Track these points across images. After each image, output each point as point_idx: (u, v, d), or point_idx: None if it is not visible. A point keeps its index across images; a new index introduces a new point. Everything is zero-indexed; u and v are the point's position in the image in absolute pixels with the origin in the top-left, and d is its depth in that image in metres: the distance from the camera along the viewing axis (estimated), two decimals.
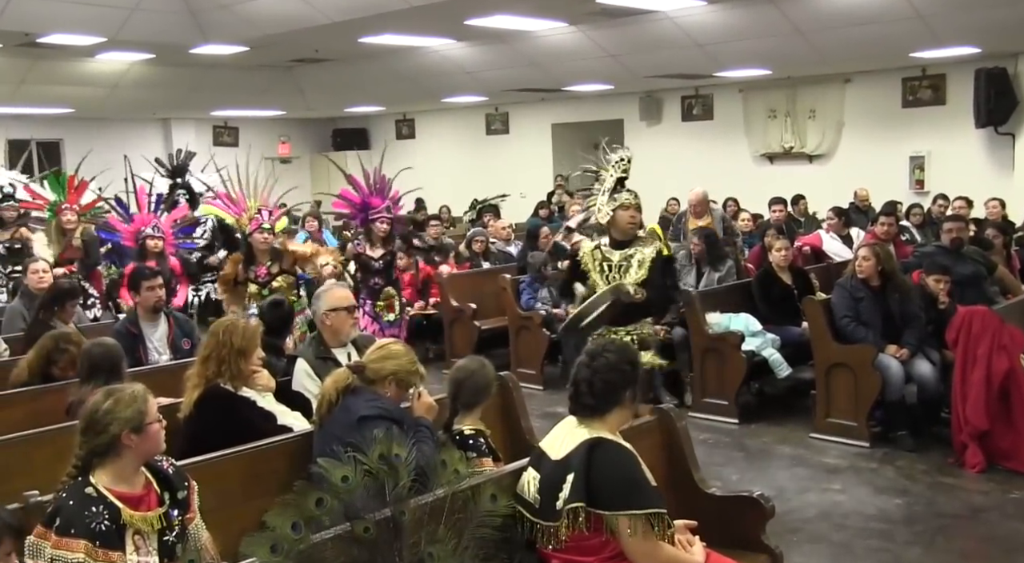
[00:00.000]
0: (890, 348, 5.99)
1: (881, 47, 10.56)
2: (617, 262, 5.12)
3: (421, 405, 3.49)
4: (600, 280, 5.12)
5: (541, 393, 7.66)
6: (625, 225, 5.14)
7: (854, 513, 5.01)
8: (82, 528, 2.54)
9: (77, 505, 2.59)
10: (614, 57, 11.99)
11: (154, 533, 2.68)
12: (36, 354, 4.84)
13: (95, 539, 2.55)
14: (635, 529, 2.80)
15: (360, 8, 9.29)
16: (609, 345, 3.03)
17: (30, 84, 13.14)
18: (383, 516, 2.59)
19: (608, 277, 5.11)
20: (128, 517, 2.63)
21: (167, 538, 2.70)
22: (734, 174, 13.75)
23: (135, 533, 2.64)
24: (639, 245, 5.15)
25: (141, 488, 2.73)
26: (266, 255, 6.56)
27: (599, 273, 5.14)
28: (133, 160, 10.75)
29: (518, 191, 16.32)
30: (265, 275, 6.51)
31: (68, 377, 4.61)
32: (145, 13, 9.91)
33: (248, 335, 3.95)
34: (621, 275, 5.07)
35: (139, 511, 2.66)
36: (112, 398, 2.71)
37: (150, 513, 2.69)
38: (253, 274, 6.50)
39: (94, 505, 2.59)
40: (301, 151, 20.12)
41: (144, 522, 2.66)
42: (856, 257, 6.32)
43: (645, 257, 5.09)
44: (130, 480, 2.71)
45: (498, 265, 9.44)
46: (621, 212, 5.10)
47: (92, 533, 2.55)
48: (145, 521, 2.66)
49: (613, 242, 5.19)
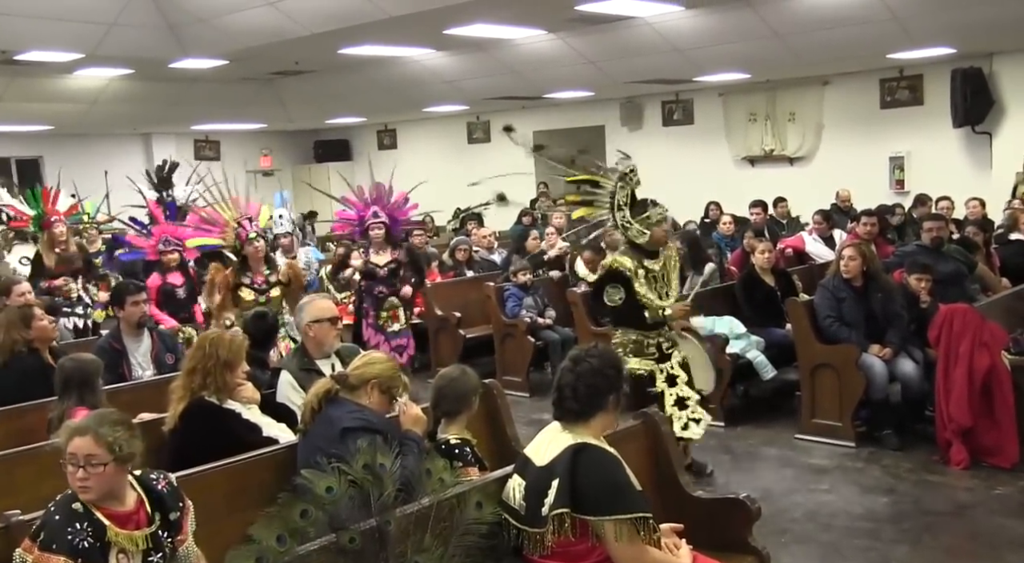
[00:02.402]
0: (873, 347, 6.02)
1: (858, 49, 10.65)
2: (659, 271, 5.31)
3: (408, 417, 3.47)
4: (650, 292, 5.24)
5: (527, 400, 7.67)
6: (662, 238, 5.32)
7: (841, 513, 5.03)
8: (64, 544, 2.53)
9: (62, 520, 2.57)
10: (594, 64, 12.04)
11: (139, 553, 2.65)
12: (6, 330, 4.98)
13: (77, 556, 2.53)
14: (621, 534, 2.81)
15: (339, 19, 9.29)
16: (592, 350, 3.03)
17: (8, 102, 13.05)
18: (369, 526, 2.59)
19: (658, 288, 5.29)
20: (113, 535, 2.60)
21: (152, 559, 2.67)
22: (716, 177, 13.82)
23: (119, 551, 2.61)
24: (616, 254, 5.38)
25: (131, 505, 2.70)
26: (260, 263, 6.53)
27: (648, 288, 5.25)
28: (115, 175, 10.71)
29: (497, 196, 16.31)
30: (262, 283, 6.48)
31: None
32: (123, 28, 9.88)
33: (234, 348, 3.94)
34: (666, 282, 5.32)
35: (126, 529, 2.64)
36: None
37: (136, 532, 2.65)
38: (249, 280, 6.45)
39: (78, 521, 2.57)
40: (283, 163, 20.07)
41: (129, 541, 2.63)
42: (841, 257, 6.33)
43: (672, 261, 5.39)
44: (119, 497, 2.68)
45: (482, 273, 9.44)
46: (657, 229, 5.26)
47: (74, 550, 2.53)
48: (131, 540, 2.63)
49: (644, 253, 5.30)
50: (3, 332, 5.13)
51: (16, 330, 5.10)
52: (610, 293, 5.24)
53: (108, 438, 2.62)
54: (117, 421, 2.73)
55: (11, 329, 5.11)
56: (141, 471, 2.84)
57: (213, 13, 9.72)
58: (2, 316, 5.37)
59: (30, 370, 5.03)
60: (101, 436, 2.61)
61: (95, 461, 2.59)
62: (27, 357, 5.09)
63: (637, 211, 5.24)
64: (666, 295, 5.33)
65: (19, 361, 5.06)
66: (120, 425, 2.70)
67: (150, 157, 17.59)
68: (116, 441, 2.63)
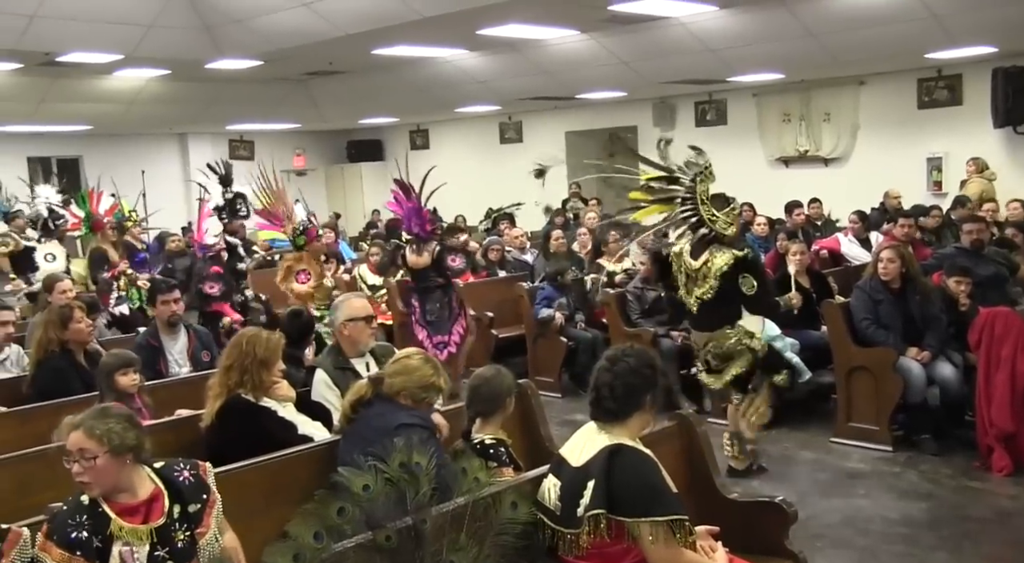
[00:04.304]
0: (911, 351, 5.94)
1: (895, 48, 10.51)
2: (696, 269, 5.25)
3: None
4: (680, 286, 5.30)
5: (559, 401, 7.65)
6: (738, 231, 5.40)
7: (878, 518, 4.97)
8: (62, 535, 2.57)
9: (67, 512, 2.62)
10: (627, 64, 12.00)
11: (144, 546, 2.64)
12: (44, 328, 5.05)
13: (74, 548, 2.56)
14: (656, 536, 2.79)
15: (373, 20, 9.34)
16: (629, 350, 3.02)
17: (50, 102, 13.28)
18: (404, 524, 2.59)
19: (686, 286, 5.29)
20: (117, 528, 2.62)
21: (158, 553, 2.66)
22: (749, 179, 13.67)
23: (123, 544, 2.62)
24: (715, 250, 5.20)
25: (145, 497, 2.71)
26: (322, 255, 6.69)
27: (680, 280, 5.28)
28: (151, 175, 10.85)
29: (533, 199, 16.32)
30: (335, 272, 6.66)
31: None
32: (161, 30, 10.01)
33: (271, 346, 3.96)
34: (698, 285, 5.24)
35: (134, 522, 2.64)
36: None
37: (141, 526, 2.65)
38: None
39: (80, 514, 2.61)
40: (316, 163, 20.22)
41: (134, 535, 2.63)
42: (879, 259, 6.25)
43: (718, 265, 5.16)
44: (130, 489, 2.70)
45: (514, 273, 9.43)
46: (736, 222, 5.30)
47: (71, 541, 2.56)
48: (135, 534, 2.64)
49: (692, 251, 5.28)
50: (41, 330, 5.21)
51: (53, 329, 5.17)
52: (745, 282, 5.17)
53: (98, 431, 2.63)
54: (113, 414, 2.73)
55: (48, 328, 5.18)
56: (164, 463, 2.85)
57: (249, 14, 9.81)
58: (43, 314, 5.45)
59: (60, 370, 5.09)
60: (91, 429, 2.63)
61: (87, 454, 2.61)
62: (58, 357, 5.14)
63: (720, 205, 5.23)
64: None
65: (51, 360, 5.12)
66: (114, 418, 2.70)
67: (186, 157, 17.82)
68: (107, 433, 2.63)
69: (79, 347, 5.28)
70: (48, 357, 5.13)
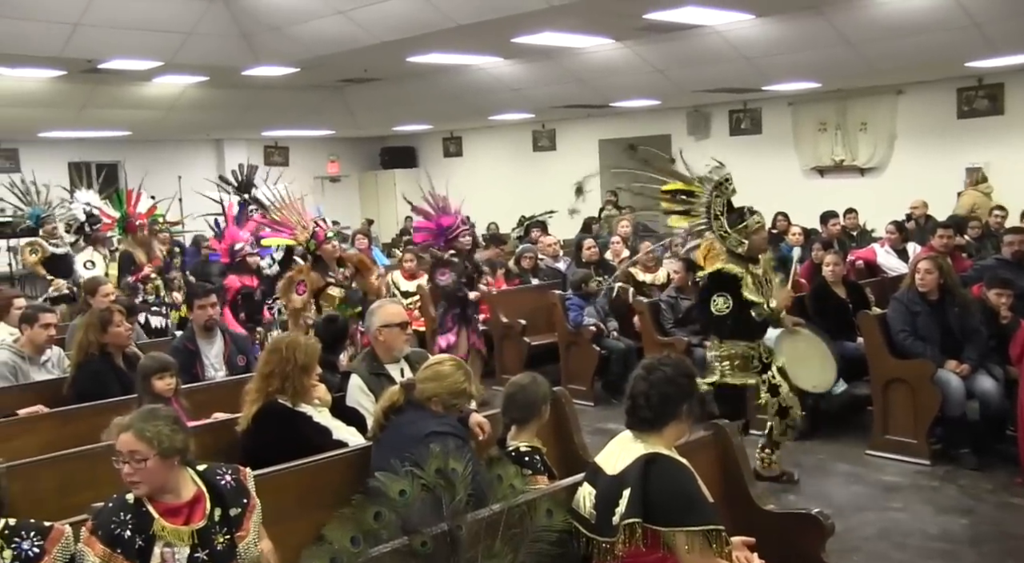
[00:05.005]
0: (950, 363, 5.85)
1: (934, 57, 10.39)
2: (762, 276, 5.32)
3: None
4: (757, 296, 5.22)
5: (592, 409, 7.63)
6: (761, 245, 5.34)
7: (916, 532, 4.89)
8: (106, 532, 2.61)
9: (112, 509, 2.66)
10: (661, 72, 11.97)
11: (186, 546, 2.68)
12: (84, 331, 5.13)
13: (116, 546, 2.60)
14: (692, 545, 2.77)
15: (408, 28, 9.40)
16: (666, 359, 3.01)
17: (91, 109, 13.53)
18: (440, 530, 2.60)
19: (762, 292, 5.27)
20: (159, 528, 2.66)
21: (198, 555, 2.69)
22: (783, 188, 13.59)
23: (165, 544, 2.65)
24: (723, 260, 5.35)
25: (188, 498, 2.75)
26: (334, 262, 6.68)
27: (755, 292, 5.24)
28: (188, 180, 11.00)
29: (566, 208, 16.34)
30: (346, 277, 6.66)
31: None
32: (200, 37, 10.16)
33: (311, 352, 4.00)
34: (769, 286, 5.33)
35: (176, 523, 2.68)
36: None
37: (183, 527, 2.69)
38: (334, 278, 6.61)
39: (125, 512, 2.65)
40: (350, 170, 20.38)
41: (176, 535, 2.67)
42: (917, 270, 6.18)
43: (770, 265, 5.47)
44: (174, 490, 2.74)
45: (547, 281, 9.43)
46: (756, 237, 5.27)
47: (113, 539, 2.60)
48: (177, 535, 2.67)
49: (748, 258, 5.30)
50: (82, 333, 5.29)
51: (93, 332, 5.24)
52: (717, 302, 5.20)
53: (148, 433, 2.68)
54: (161, 416, 2.78)
55: (89, 331, 5.25)
56: (207, 465, 2.89)
57: (286, 22, 9.93)
58: (85, 317, 5.53)
59: (99, 372, 5.15)
60: (141, 431, 2.68)
61: (139, 457, 2.66)
62: (98, 360, 5.20)
63: (734, 220, 5.24)
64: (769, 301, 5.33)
65: (90, 363, 5.19)
66: (162, 420, 2.75)
67: (222, 162, 18.03)
68: (157, 436, 2.68)
69: (118, 350, 5.35)
70: (88, 360, 5.20)
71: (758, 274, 5.31)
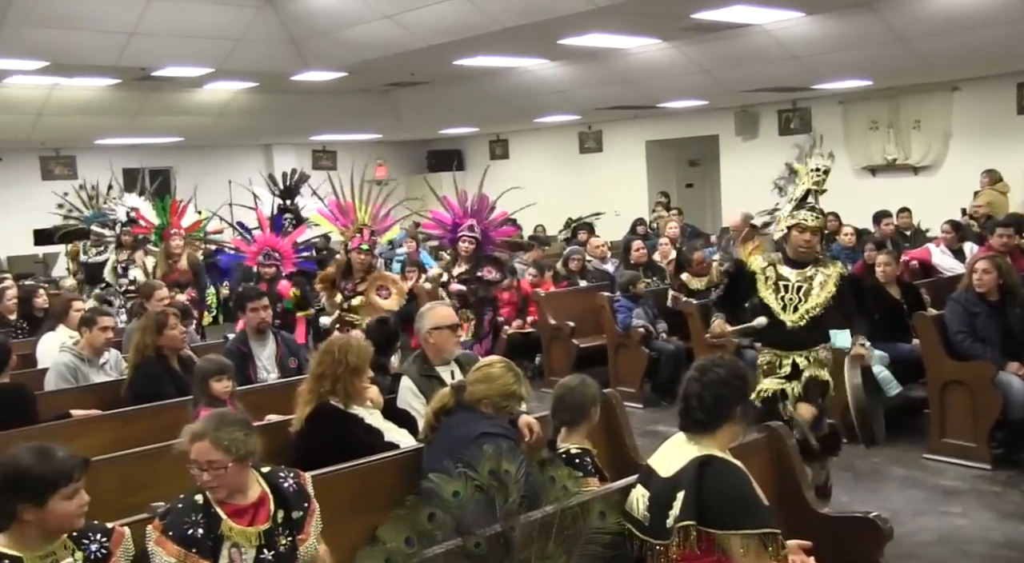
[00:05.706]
0: (1012, 365, 5.70)
1: (992, 53, 10.16)
2: (795, 283, 4.65)
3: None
4: (774, 300, 4.66)
5: (641, 411, 7.58)
6: (796, 247, 4.70)
7: (978, 539, 4.77)
8: (179, 532, 2.65)
9: (183, 510, 2.70)
10: (708, 72, 11.87)
11: (252, 547, 2.72)
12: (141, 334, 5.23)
13: (190, 546, 2.64)
14: (748, 549, 2.74)
15: (454, 31, 9.45)
16: (719, 360, 2.98)
17: (144, 115, 13.82)
18: (494, 531, 2.60)
19: (784, 298, 4.64)
20: (227, 529, 2.69)
21: (264, 556, 2.73)
22: (834, 187, 13.24)
23: (232, 545, 2.69)
24: (820, 265, 4.71)
25: (254, 499, 2.79)
26: (360, 273, 6.73)
27: (772, 292, 4.67)
28: (238, 185, 11.17)
29: (613, 209, 16.27)
30: (351, 290, 6.69)
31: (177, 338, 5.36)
32: (250, 43, 10.32)
33: (363, 354, 4.02)
34: (802, 297, 4.62)
35: (242, 524, 2.72)
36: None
37: (250, 529, 2.73)
38: (343, 285, 6.72)
39: (195, 512, 2.69)
40: (397, 173, 20.49)
41: (243, 536, 2.71)
42: (974, 270, 6.03)
43: (828, 278, 4.65)
44: (243, 492, 2.78)
45: (595, 283, 9.40)
46: (796, 233, 4.68)
47: (187, 539, 2.65)
48: (244, 536, 2.71)
49: (788, 260, 4.75)
50: (139, 335, 5.39)
51: (149, 335, 5.34)
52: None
53: (225, 441, 2.72)
54: (233, 422, 2.82)
55: (145, 333, 5.36)
56: (270, 468, 2.93)
57: (334, 27, 10.04)
58: (141, 320, 5.65)
59: (154, 375, 5.24)
60: (218, 440, 2.72)
61: (217, 465, 2.70)
62: (153, 362, 5.30)
63: (794, 207, 4.81)
64: (792, 309, 4.65)
65: (146, 365, 5.29)
66: (235, 425, 2.79)
67: (271, 167, 18.24)
68: (233, 442, 2.72)
69: (173, 353, 5.44)
70: (144, 362, 5.31)
71: (789, 279, 4.67)
